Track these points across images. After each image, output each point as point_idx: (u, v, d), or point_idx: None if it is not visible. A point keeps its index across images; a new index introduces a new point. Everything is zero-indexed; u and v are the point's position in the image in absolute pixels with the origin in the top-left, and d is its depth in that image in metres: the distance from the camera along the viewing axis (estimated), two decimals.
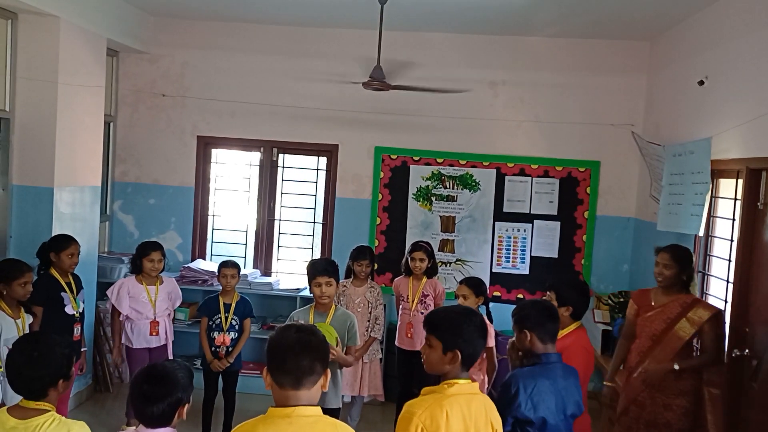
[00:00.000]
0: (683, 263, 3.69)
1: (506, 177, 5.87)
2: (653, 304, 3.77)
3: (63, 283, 4.15)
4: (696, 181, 4.30)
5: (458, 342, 2.35)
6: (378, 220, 5.99)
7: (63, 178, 4.77)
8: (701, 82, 4.45)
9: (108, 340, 5.46)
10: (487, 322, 4.33)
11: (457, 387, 2.33)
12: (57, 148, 4.67)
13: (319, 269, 3.79)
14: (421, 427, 2.23)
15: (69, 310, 4.13)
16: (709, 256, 4.41)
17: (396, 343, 5.04)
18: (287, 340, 2.06)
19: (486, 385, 4.31)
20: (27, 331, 3.71)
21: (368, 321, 4.91)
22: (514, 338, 2.97)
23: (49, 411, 2.29)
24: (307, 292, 5.51)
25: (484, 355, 4.33)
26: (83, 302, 4.32)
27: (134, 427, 2.28)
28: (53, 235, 4.46)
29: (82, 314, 4.27)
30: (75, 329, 4.18)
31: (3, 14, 4.42)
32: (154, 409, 2.20)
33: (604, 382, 4.05)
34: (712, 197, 4.36)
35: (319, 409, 2.06)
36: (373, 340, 4.94)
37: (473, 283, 4.31)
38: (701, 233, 4.18)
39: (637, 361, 3.77)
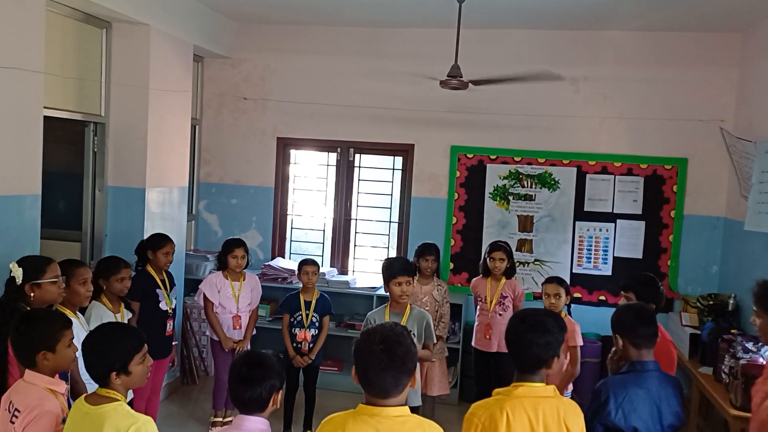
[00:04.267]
0: None
1: (587, 175, 5.72)
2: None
3: (158, 280, 4.33)
4: None
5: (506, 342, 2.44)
6: (454, 220, 5.96)
7: (153, 179, 4.99)
8: None
9: (194, 334, 5.70)
10: (572, 320, 4.27)
11: (524, 389, 2.31)
12: (148, 150, 4.89)
13: (399, 269, 3.82)
14: (480, 427, 2.24)
15: (163, 306, 4.31)
16: None
17: (473, 344, 5.00)
18: (372, 354, 2.04)
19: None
20: None
21: (435, 320, 4.88)
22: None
23: (118, 400, 2.34)
24: (383, 291, 5.54)
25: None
26: (175, 299, 4.51)
27: (229, 418, 2.37)
28: (145, 233, 4.69)
29: (174, 310, 4.46)
30: (168, 324, 4.36)
31: (98, 24, 4.67)
32: (252, 392, 2.26)
33: None
34: None
35: (407, 409, 2.09)
36: (438, 338, 4.89)
37: (563, 281, 4.27)
38: None
39: None
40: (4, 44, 3.45)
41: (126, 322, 3.82)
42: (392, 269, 3.83)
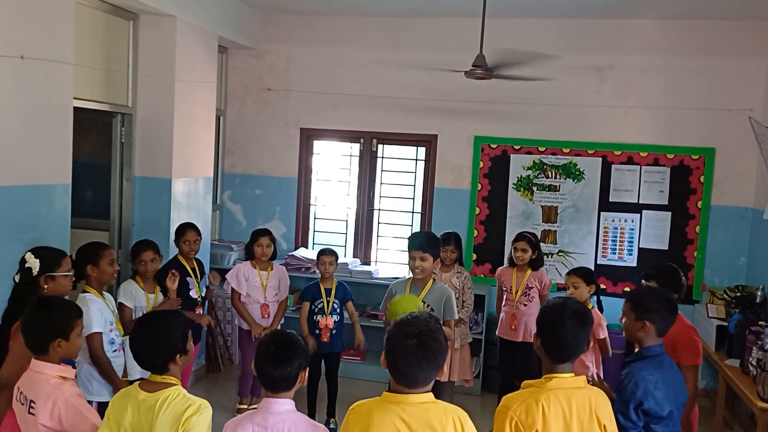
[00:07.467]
0: None
1: (613, 165, 5.67)
2: None
3: (188, 269, 4.43)
4: None
5: (538, 332, 2.40)
6: (477, 210, 5.95)
7: (180, 169, 5.04)
8: None
9: (220, 323, 5.77)
10: (598, 312, 4.24)
11: (557, 381, 2.30)
12: (174, 141, 4.93)
13: (415, 244, 3.89)
14: (515, 421, 2.22)
15: (193, 294, 4.40)
16: None
17: (497, 333, 4.99)
18: (406, 348, 2.06)
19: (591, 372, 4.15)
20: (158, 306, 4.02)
21: (458, 306, 4.85)
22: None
23: (175, 385, 2.39)
24: None
25: (592, 344, 4.21)
26: (206, 287, 4.59)
27: (255, 405, 2.39)
28: (171, 223, 4.78)
29: (204, 298, 4.55)
30: (198, 312, 4.44)
31: (125, 15, 4.71)
32: (283, 371, 2.27)
33: None
34: None
35: (431, 395, 2.11)
36: (460, 321, 4.86)
37: (583, 272, 4.22)
38: None
39: None
40: (35, 36, 3.51)
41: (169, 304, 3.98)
42: (409, 244, 3.94)
